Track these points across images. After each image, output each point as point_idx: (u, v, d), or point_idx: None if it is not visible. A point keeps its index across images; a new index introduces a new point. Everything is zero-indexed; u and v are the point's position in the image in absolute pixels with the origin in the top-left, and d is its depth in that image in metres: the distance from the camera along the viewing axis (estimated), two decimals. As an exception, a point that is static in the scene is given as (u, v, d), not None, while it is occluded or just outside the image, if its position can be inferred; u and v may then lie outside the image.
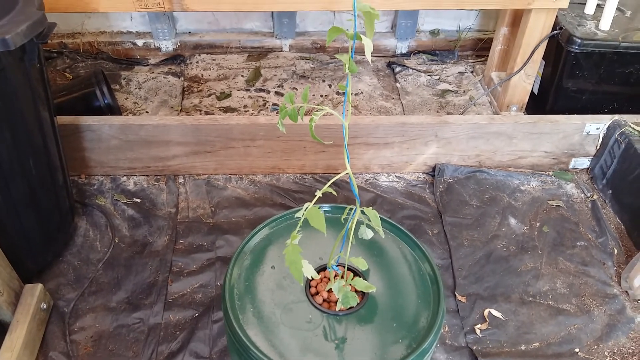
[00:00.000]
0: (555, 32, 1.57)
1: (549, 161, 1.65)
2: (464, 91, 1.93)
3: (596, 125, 1.57)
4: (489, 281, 1.36)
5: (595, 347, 1.22)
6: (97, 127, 1.41)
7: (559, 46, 1.58)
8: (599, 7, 1.66)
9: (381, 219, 0.94)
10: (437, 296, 0.82)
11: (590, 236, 1.49)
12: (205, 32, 2.06)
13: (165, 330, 1.17)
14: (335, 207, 0.97)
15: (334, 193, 0.73)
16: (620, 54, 1.53)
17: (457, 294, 1.32)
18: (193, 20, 2.03)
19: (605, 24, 1.57)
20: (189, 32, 2.05)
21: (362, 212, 0.79)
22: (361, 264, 0.79)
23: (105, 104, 1.57)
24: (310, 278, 0.76)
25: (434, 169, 1.62)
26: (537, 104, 1.78)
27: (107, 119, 1.43)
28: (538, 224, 1.51)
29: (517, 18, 1.70)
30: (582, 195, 1.61)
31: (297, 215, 0.64)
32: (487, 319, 1.27)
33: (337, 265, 0.84)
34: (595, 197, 1.60)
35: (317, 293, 0.82)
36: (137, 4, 1.34)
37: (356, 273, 0.85)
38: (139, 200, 1.47)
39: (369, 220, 0.78)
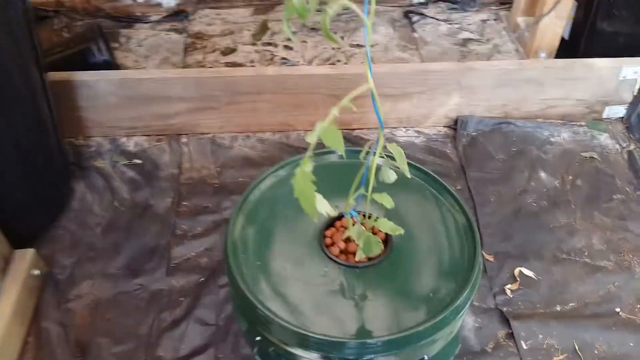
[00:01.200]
0: (590, -37, 1.41)
1: (581, 110, 1.51)
2: (487, 39, 1.78)
3: (634, 68, 1.43)
4: (519, 239, 1.25)
5: (638, 306, 1.11)
6: (93, 82, 1.31)
7: (593, -18, 1.43)
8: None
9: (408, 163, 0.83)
10: (472, 247, 0.71)
11: (627, 189, 1.36)
12: (208, -14, 1.93)
13: (169, 297, 1.09)
14: (351, 151, 0.85)
15: (354, 109, 0.61)
16: (664, -14, 1.37)
17: (484, 253, 1.21)
18: (194, -28, 1.91)
19: (646, -47, 1.41)
20: (191, -14, 1.93)
21: (384, 153, 0.68)
22: (386, 201, 0.67)
23: (102, 61, 1.47)
24: (326, 215, 0.63)
25: (456, 121, 1.50)
26: (568, 50, 1.63)
27: (104, 74, 1.33)
28: (570, 178, 1.39)
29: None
30: (618, 146, 1.47)
31: (307, 139, 0.53)
32: (518, 279, 1.16)
33: (356, 212, 0.72)
34: (632, 147, 1.46)
35: (332, 244, 0.71)
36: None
37: None
38: (139, 162, 1.38)
39: (393, 160, 0.67)
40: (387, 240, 0.72)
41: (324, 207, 0.59)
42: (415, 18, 1.89)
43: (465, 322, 1.09)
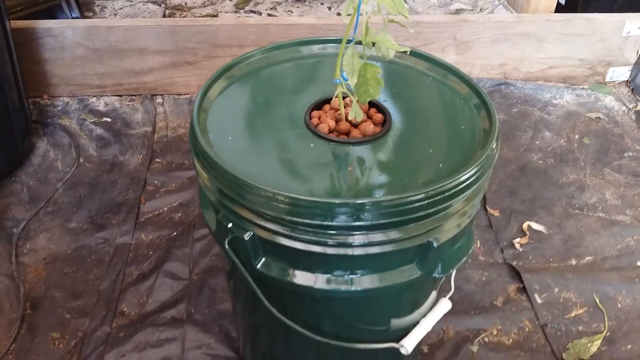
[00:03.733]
0: None
1: (583, 71, 1.43)
2: (480, 9, 1.71)
3: (638, 23, 1.35)
4: (526, 194, 1.14)
5: (662, 257, 1.00)
6: (59, 31, 1.20)
7: None
8: None
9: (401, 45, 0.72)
10: (486, 120, 0.59)
11: (638, 147, 1.27)
12: (188, -41, 1.85)
13: (136, 251, 0.96)
14: (338, 39, 0.74)
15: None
16: None
17: (488, 208, 1.10)
18: (175, -55, 1.83)
19: None
20: (171, -40, 1.85)
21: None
22: (390, 44, 0.54)
23: (72, 18, 1.36)
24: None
25: (451, 83, 1.40)
26: (565, 15, 1.56)
27: (70, 21, 1.23)
28: (577, 136, 1.29)
29: None
30: (624, 107, 1.39)
31: None
32: (527, 233, 1.05)
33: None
34: (639, 107, 1.38)
35: (320, 124, 0.59)
36: None
37: (379, 110, 0.62)
38: (109, 120, 1.26)
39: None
40: (384, 121, 0.60)
41: None
42: (405, -9, 1.82)
43: (470, 275, 0.97)
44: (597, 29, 1.35)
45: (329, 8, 1.72)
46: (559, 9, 1.56)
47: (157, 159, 1.17)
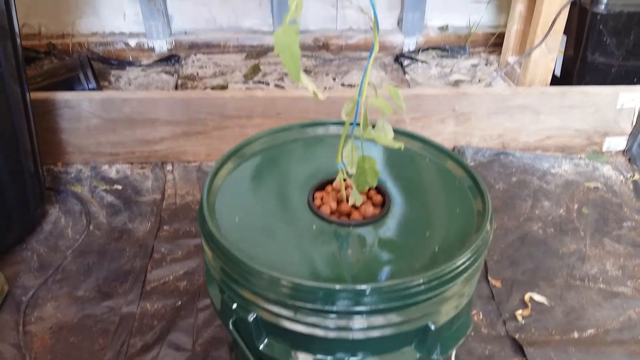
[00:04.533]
0: (578, -4, 1.43)
1: (581, 141, 1.47)
2: (479, 80, 1.78)
3: (631, 95, 1.41)
4: (527, 264, 1.15)
5: (665, 331, 1.00)
6: (76, 102, 1.26)
7: (582, 12, 1.44)
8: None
9: (399, 130, 0.76)
10: (481, 204, 0.62)
11: (637, 216, 1.29)
12: (201, 31, 1.95)
13: (140, 320, 0.97)
14: (342, 124, 0.78)
15: (352, 2, 0.53)
16: (653, 15, 1.38)
17: (490, 279, 1.12)
18: (189, 18, 1.93)
19: (632, -13, 1.43)
20: (185, 32, 1.95)
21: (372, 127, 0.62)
22: (388, 139, 0.58)
23: (89, 89, 1.43)
24: (312, 94, 0.53)
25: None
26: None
27: (87, 93, 1.29)
28: (576, 206, 1.31)
29: (534, -7, 1.58)
30: (622, 177, 1.42)
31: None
32: (529, 304, 1.06)
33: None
34: (636, 177, 1.41)
35: (323, 205, 0.62)
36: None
37: (378, 191, 0.65)
38: (120, 187, 1.30)
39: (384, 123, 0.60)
40: (383, 202, 0.63)
41: (310, 84, 0.52)
42: (406, 62, 1.90)
43: (473, 348, 0.97)
44: (592, 101, 1.41)
45: (334, 79, 1.79)
46: (555, 80, 1.63)
47: (165, 226, 1.20)
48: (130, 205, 1.25)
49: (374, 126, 0.63)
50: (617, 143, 1.49)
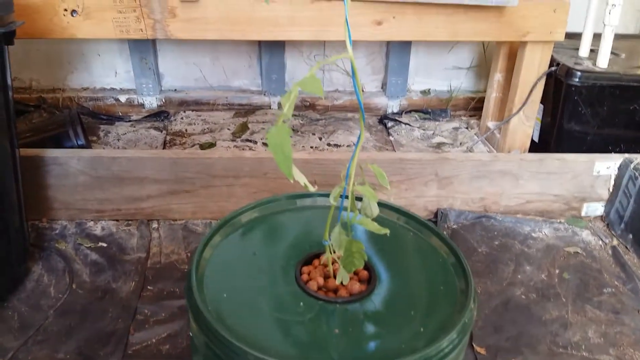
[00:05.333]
0: (553, 68, 1.51)
1: (560, 206, 1.52)
2: (460, 143, 1.84)
3: (606, 164, 1.46)
4: (510, 331, 1.16)
5: (647, 401, 1.01)
6: (65, 160, 1.27)
7: (557, 83, 1.52)
8: (592, 52, 1.62)
9: (384, 204, 0.78)
10: (464, 283, 0.63)
11: (616, 282, 1.31)
12: (191, 89, 1.99)
13: (122, 386, 0.95)
14: (327, 194, 0.80)
15: (338, 66, 0.57)
16: (623, 88, 1.46)
17: (474, 345, 1.12)
18: (179, 77, 1.98)
19: (603, 62, 1.52)
20: (175, 89, 1.99)
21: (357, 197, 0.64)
22: (369, 193, 0.60)
23: (78, 145, 1.44)
24: (304, 186, 0.56)
25: (435, 214, 1.48)
26: (539, 152, 1.68)
27: (76, 151, 1.30)
28: (557, 271, 1.34)
29: (511, 63, 1.66)
30: (601, 242, 1.45)
31: (282, 99, 0.48)
32: (513, 372, 1.06)
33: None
34: (615, 242, 1.45)
35: (310, 280, 0.63)
36: (119, 30, 1.27)
37: (364, 266, 0.67)
38: (104, 245, 1.29)
39: (371, 195, 0.63)
40: (369, 278, 0.65)
41: (302, 178, 0.54)
42: (390, 124, 1.96)
43: (459, 418, 0.96)
44: (569, 167, 1.46)
45: (320, 138, 1.83)
46: (533, 145, 1.69)
47: (149, 286, 1.19)
48: (114, 263, 1.24)
49: (360, 199, 0.66)
50: (595, 208, 1.53)
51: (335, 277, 0.64)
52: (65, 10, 1.28)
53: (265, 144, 1.76)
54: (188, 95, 1.96)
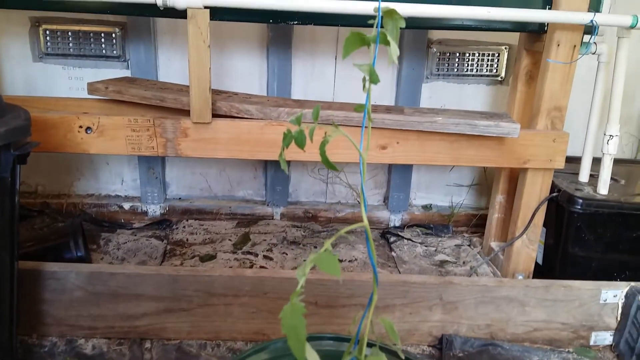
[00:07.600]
0: (554, 194, 1.53)
1: (568, 335, 1.47)
2: (463, 262, 1.82)
3: (613, 292, 1.43)
4: None
5: None
6: (63, 274, 1.25)
7: (559, 209, 1.53)
8: (592, 177, 1.65)
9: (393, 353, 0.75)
10: None
11: None
12: (195, 198, 2.01)
13: None
14: (341, 339, 0.77)
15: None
16: (625, 216, 1.47)
17: None
18: (185, 186, 2.01)
19: (603, 188, 1.54)
20: (179, 198, 2.01)
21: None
22: None
23: (77, 257, 1.43)
24: None
25: (440, 340, 1.42)
26: (544, 275, 1.66)
27: (75, 265, 1.28)
28: (569, 408, 1.27)
29: (512, 185, 1.69)
30: (613, 375, 1.39)
31: (298, 272, 0.47)
32: None
33: None
34: (628, 377, 1.38)
35: None
36: (131, 147, 1.30)
37: None
38: (94, 366, 1.23)
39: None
40: None
41: (314, 357, 0.51)
42: (392, 239, 1.95)
43: None
44: (576, 295, 1.43)
45: (322, 252, 1.82)
46: (538, 268, 1.67)
47: (136, 416, 1.12)
48: (101, 387, 1.17)
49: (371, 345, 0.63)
50: (604, 338, 1.48)
51: None
52: (80, 127, 1.32)
53: (266, 257, 1.74)
54: (192, 204, 1.98)
